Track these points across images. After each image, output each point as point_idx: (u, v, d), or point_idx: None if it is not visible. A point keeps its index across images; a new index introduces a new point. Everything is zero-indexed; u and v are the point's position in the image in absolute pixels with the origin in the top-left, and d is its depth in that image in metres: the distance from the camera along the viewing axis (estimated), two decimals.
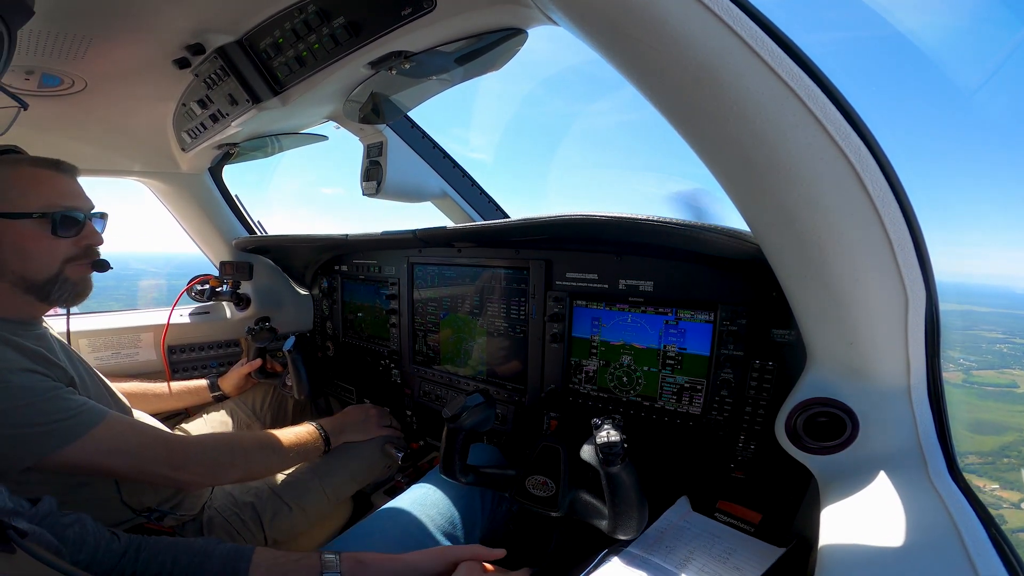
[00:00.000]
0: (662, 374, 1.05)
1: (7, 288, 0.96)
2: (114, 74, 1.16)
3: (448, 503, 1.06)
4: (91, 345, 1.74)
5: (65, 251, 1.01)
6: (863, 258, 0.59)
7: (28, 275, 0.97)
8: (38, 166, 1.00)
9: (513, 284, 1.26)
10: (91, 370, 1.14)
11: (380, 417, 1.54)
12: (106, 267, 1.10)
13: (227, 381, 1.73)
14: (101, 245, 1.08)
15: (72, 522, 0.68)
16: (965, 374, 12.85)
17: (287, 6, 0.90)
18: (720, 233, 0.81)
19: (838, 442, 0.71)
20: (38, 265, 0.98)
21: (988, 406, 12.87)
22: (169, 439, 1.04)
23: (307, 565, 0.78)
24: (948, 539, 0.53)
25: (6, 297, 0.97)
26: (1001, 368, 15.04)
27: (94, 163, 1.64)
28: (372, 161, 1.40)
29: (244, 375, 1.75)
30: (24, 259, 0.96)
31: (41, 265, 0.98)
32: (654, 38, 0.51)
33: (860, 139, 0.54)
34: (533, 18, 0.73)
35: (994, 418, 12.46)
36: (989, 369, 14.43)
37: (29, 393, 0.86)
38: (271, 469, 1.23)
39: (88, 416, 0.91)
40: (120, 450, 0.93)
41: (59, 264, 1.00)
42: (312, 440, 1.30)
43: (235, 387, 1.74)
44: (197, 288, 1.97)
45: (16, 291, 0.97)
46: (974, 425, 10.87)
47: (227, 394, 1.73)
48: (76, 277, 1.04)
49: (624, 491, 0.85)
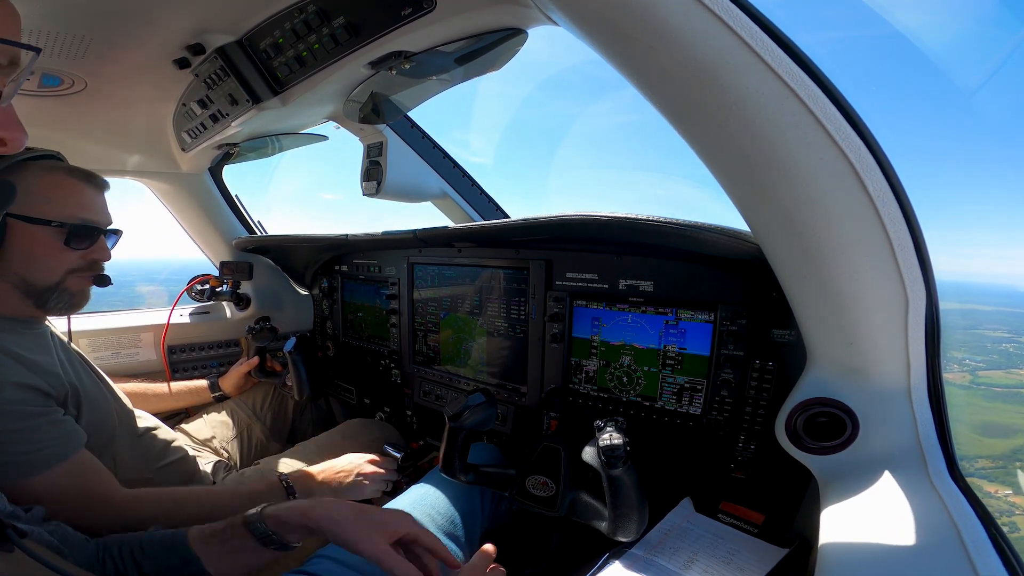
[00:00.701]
0: (662, 374, 1.05)
1: (8, 288, 0.96)
2: (114, 74, 1.16)
3: (448, 502, 1.06)
4: (91, 345, 1.74)
5: (71, 262, 1.00)
6: (863, 258, 0.59)
7: (29, 279, 0.97)
8: (72, 175, 1.01)
9: (513, 284, 1.26)
10: (93, 370, 1.14)
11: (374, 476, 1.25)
12: (107, 282, 1.10)
13: (227, 381, 1.73)
14: (107, 261, 1.08)
15: (54, 529, 0.69)
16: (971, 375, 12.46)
17: (287, 6, 0.90)
18: (720, 233, 0.81)
19: (838, 442, 0.70)
20: (41, 272, 0.98)
21: (997, 408, 12.47)
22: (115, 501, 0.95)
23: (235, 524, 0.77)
24: (948, 539, 0.53)
25: (7, 297, 0.96)
26: (1008, 368, 14.62)
27: (94, 163, 1.62)
28: (372, 161, 1.40)
29: (243, 374, 1.75)
30: (28, 263, 0.96)
31: (44, 272, 0.98)
32: (654, 38, 0.51)
33: (860, 139, 0.54)
34: (533, 18, 0.73)
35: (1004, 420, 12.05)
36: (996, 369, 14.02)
37: (16, 418, 0.85)
38: None
39: (50, 452, 0.88)
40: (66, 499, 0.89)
41: (62, 274, 1.00)
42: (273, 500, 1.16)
43: (235, 387, 1.74)
44: (197, 288, 1.97)
45: (16, 292, 0.97)
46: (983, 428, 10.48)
47: (227, 394, 1.73)
48: (75, 289, 1.04)
49: (625, 493, 0.85)
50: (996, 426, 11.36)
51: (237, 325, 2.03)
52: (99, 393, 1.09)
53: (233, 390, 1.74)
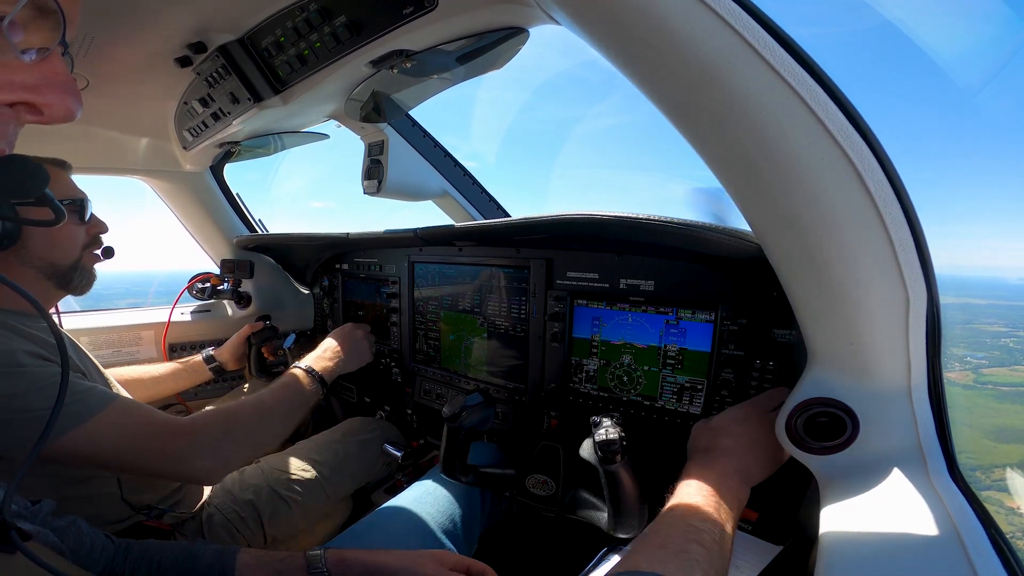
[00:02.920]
0: (662, 374, 1.05)
1: (32, 275, 1.01)
2: (116, 73, 1.16)
3: (449, 501, 1.07)
4: (92, 343, 1.74)
5: (83, 239, 1.08)
6: (864, 258, 0.59)
7: (56, 261, 1.03)
8: (55, 166, 1.08)
9: (514, 283, 1.26)
10: (95, 364, 1.15)
11: (367, 336, 1.48)
12: (112, 253, 1.17)
13: (224, 351, 1.69)
14: (106, 233, 1.15)
15: (67, 525, 0.68)
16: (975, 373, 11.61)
17: (289, 5, 0.90)
18: (721, 233, 0.81)
19: (838, 442, 0.70)
20: (65, 252, 1.05)
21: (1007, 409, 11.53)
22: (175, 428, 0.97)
23: (293, 564, 0.78)
24: (947, 539, 0.53)
25: (31, 284, 1.01)
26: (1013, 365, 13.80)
27: (96, 161, 1.64)
28: (373, 160, 1.40)
29: (243, 339, 1.71)
30: (52, 246, 1.02)
31: (67, 252, 1.05)
32: (656, 37, 0.51)
33: (862, 139, 0.54)
34: (534, 17, 0.73)
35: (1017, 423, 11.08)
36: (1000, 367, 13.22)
37: (35, 379, 0.85)
38: (275, 435, 1.15)
39: (93, 401, 0.89)
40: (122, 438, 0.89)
41: (79, 251, 1.08)
42: (305, 385, 1.24)
43: (233, 356, 1.70)
44: (198, 286, 1.98)
45: (40, 277, 1.02)
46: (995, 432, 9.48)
47: (224, 365, 1.69)
48: (89, 265, 1.11)
49: (623, 489, 0.86)
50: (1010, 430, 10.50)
51: (238, 323, 2.03)
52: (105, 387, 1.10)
53: (231, 360, 1.70)
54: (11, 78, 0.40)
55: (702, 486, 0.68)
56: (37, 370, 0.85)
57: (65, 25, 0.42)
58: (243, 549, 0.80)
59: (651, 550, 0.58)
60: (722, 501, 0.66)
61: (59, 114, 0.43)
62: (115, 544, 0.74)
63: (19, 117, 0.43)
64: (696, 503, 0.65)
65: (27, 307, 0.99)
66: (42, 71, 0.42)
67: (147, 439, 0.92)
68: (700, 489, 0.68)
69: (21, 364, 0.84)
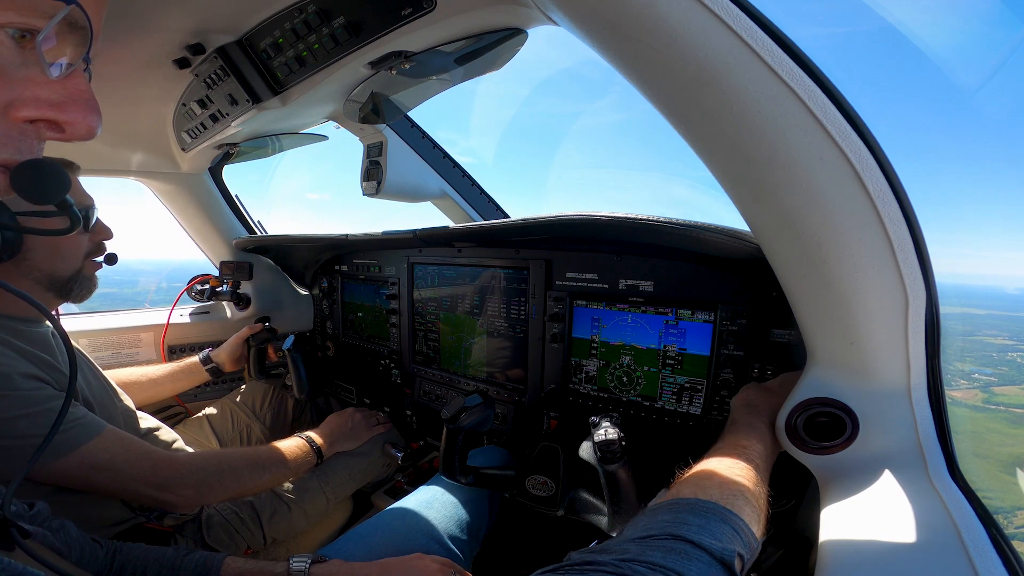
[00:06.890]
0: (662, 374, 1.05)
1: (30, 285, 0.98)
2: (114, 74, 1.16)
3: (455, 506, 1.06)
4: (91, 345, 1.74)
5: (86, 246, 1.06)
6: (863, 258, 0.59)
7: (57, 272, 1.01)
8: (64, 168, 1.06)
9: (513, 284, 1.26)
10: (95, 369, 1.15)
11: (367, 420, 1.53)
12: (115, 260, 1.15)
13: (221, 353, 1.68)
14: (110, 239, 1.14)
15: (58, 528, 0.68)
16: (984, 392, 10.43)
17: (287, 6, 0.90)
18: (720, 233, 0.81)
19: (838, 442, 0.70)
20: (66, 262, 1.03)
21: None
22: (157, 459, 1.00)
23: (274, 572, 0.79)
24: (948, 539, 0.53)
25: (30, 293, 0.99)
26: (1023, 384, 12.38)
27: (94, 163, 1.64)
28: (372, 161, 1.40)
29: (242, 341, 1.70)
30: (54, 256, 1.00)
31: (68, 262, 1.03)
32: (654, 38, 0.51)
33: (860, 139, 0.54)
34: (533, 18, 0.73)
35: None
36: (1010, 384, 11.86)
37: (26, 403, 0.85)
38: (261, 487, 1.18)
39: (81, 431, 0.90)
40: (107, 467, 0.92)
41: (81, 260, 1.05)
42: (303, 455, 1.27)
43: (230, 357, 1.68)
44: (197, 288, 1.97)
45: (39, 288, 1.00)
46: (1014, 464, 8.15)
47: (222, 366, 1.67)
48: (90, 272, 1.09)
49: (623, 489, 0.86)
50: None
51: (237, 325, 2.02)
52: (104, 393, 1.10)
53: (228, 362, 1.68)
54: (36, 93, 0.39)
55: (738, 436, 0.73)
56: (29, 394, 0.85)
57: (92, 40, 0.41)
58: (229, 557, 0.81)
59: (695, 480, 0.61)
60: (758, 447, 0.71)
61: (81, 132, 0.42)
62: (103, 548, 0.74)
63: (40, 134, 0.42)
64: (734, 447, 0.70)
65: (27, 311, 0.98)
66: (66, 88, 0.41)
67: (133, 466, 0.95)
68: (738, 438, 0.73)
69: (16, 387, 0.84)
